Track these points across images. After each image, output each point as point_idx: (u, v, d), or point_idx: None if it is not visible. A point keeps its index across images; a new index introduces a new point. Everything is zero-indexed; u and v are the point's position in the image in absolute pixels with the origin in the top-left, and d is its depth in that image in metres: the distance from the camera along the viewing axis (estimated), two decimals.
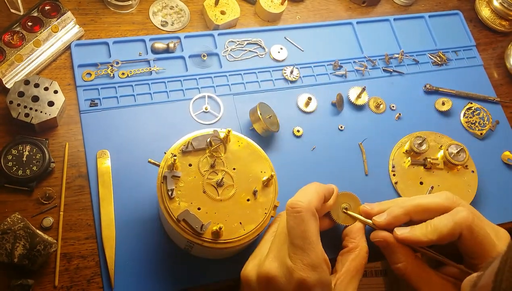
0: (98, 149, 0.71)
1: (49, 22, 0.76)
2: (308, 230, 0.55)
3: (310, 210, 0.56)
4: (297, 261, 0.54)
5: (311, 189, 0.60)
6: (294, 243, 0.55)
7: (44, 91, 0.70)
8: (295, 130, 0.79)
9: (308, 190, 0.60)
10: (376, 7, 0.96)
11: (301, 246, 0.54)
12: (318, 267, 0.54)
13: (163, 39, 0.82)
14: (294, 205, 0.57)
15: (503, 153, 0.84)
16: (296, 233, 0.55)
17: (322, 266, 0.55)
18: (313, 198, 0.58)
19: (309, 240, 0.55)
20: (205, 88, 0.80)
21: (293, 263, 0.54)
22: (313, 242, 0.55)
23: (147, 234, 0.68)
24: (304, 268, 0.54)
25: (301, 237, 0.55)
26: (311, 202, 0.58)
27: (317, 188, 0.61)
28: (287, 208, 0.57)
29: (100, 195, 0.69)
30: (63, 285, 0.63)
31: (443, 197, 0.64)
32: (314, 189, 0.61)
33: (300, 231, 0.55)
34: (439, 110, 0.86)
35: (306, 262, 0.54)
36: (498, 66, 0.95)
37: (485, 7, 0.99)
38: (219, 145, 0.65)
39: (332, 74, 0.86)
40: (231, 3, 0.86)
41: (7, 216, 0.63)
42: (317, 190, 0.61)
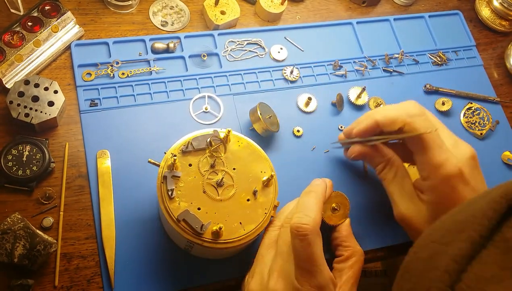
0: (98, 149, 0.71)
1: (49, 22, 0.76)
2: (314, 253, 0.55)
3: (316, 231, 0.56)
4: (304, 283, 0.54)
5: (311, 204, 0.59)
6: (301, 266, 0.55)
7: (44, 91, 0.70)
8: (295, 130, 0.79)
9: (309, 206, 0.59)
10: (376, 7, 0.96)
11: (308, 269, 0.54)
12: (324, 288, 0.54)
13: (163, 39, 0.82)
14: (299, 228, 0.55)
15: (503, 153, 0.85)
16: (302, 256, 0.55)
17: (328, 286, 0.55)
18: (316, 216, 0.57)
19: (315, 262, 0.55)
20: (205, 88, 0.80)
21: (301, 285, 0.54)
22: (320, 264, 0.55)
23: (147, 234, 0.68)
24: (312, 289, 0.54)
25: (308, 260, 0.55)
26: (316, 221, 0.56)
27: (316, 201, 0.60)
28: (292, 231, 0.56)
29: (100, 195, 0.69)
30: (63, 285, 0.64)
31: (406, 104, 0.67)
32: (315, 203, 0.59)
33: (307, 255, 0.55)
34: (439, 110, 0.86)
35: (314, 284, 0.54)
36: (498, 66, 0.95)
37: (485, 7, 0.99)
38: (219, 145, 0.65)
39: (332, 74, 0.86)
40: (231, 3, 0.86)
41: (7, 216, 0.63)
42: (317, 204, 0.59)
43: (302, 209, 0.59)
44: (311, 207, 0.59)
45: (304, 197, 0.62)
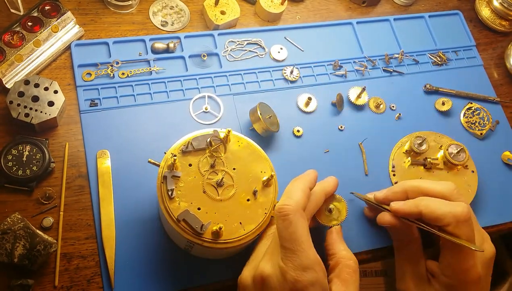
0: (98, 149, 0.71)
1: (49, 22, 0.76)
2: (296, 232, 0.55)
3: (298, 212, 0.57)
4: (288, 263, 0.54)
5: (295, 188, 0.60)
6: (284, 246, 0.55)
7: (44, 91, 0.70)
8: (295, 130, 0.79)
9: (293, 189, 0.60)
10: (376, 7, 0.96)
11: (291, 248, 0.55)
12: (309, 268, 0.54)
13: (163, 39, 0.82)
14: (281, 209, 0.57)
15: (503, 153, 0.85)
16: (285, 236, 0.56)
17: (313, 267, 0.55)
18: (299, 198, 0.58)
19: (298, 241, 0.55)
20: (205, 88, 0.80)
21: (285, 265, 0.55)
22: (303, 243, 0.55)
23: (147, 234, 0.68)
24: (295, 270, 0.54)
25: (290, 239, 0.55)
26: (298, 202, 0.58)
27: (302, 187, 0.61)
28: (275, 213, 0.58)
29: (100, 195, 0.69)
30: (63, 285, 0.64)
31: (445, 186, 0.66)
32: (299, 187, 0.60)
33: (289, 234, 0.55)
34: (439, 110, 0.86)
35: (297, 263, 0.54)
36: (498, 66, 0.95)
37: (485, 7, 0.99)
38: (219, 145, 0.65)
39: (332, 74, 0.86)
40: (231, 3, 0.86)
41: (7, 216, 0.63)
42: (301, 188, 0.60)
43: (286, 193, 0.60)
44: (294, 191, 0.60)
45: (290, 183, 0.63)
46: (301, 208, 0.58)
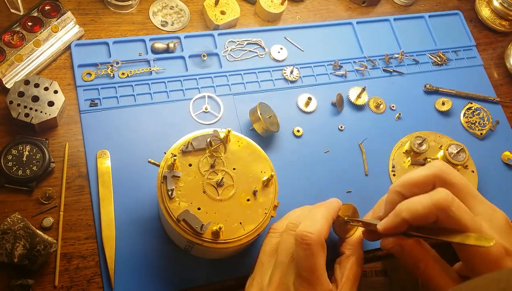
0: (98, 149, 0.72)
1: (49, 22, 0.76)
2: (316, 264, 0.54)
3: (320, 243, 0.55)
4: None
5: (321, 217, 0.58)
6: (302, 275, 0.54)
7: (44, 91, 0.70)
8: (295, 130, 0.79)
9: (317, 217, 0.58)
10: (376, 7, 0.96)
11: (309, 279, 0.54)
12: None
13: (163, 39, 0.82)
14: (304, 237, 0.55)
15: (503, 153, 0.85)
16: (304, 265, 0.54)
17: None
18: (323, 228, 0.56)
19: (317, 273, 0.54)
20: (205, 88, 0.80)
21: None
22: (321, 276, 0.54)
23: (147, 234, 0.68)
24: None
25: (310, 270, 0.54)
26: (321, 232, 0.56)
27: (326, 215, 0.59)
28: (297, 238, 0.55)
29: (100, 195, 0.69)
30: (63, 285, 0.64)
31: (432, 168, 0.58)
32: (324, 217, 0.58)
33: (309, 264, 0.54)
34: (439, 110, 0.86)
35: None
36: (498, 66, 0.95)
37: (485, 7, 0.99)
38: (219, 145, 0.65)
39: (332, 74, 0.86)
40: (231, 3, 0.86)
41: (7, 216, 0.63)
42: (326, 218, 0.58)
43: (310, 218, 0.58)
44: (318, 218, 0.58)
45: (314, 208, 0.61)
46: (323, 238, 0.56)
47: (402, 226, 0.56)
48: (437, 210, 0.54)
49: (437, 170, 0.57)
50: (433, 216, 0.54)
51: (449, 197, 0.54)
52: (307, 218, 0.58)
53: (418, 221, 0.55)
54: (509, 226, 0.58)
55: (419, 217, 0.54)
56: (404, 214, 0.55)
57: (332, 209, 0.61)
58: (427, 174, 0.58)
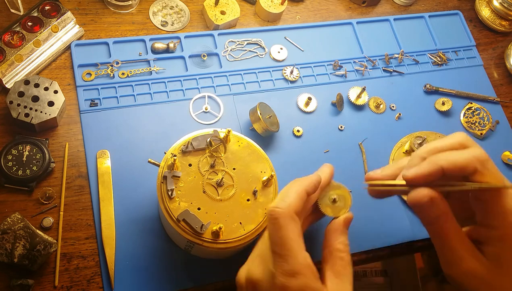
0: (98, 149, 0.72)
1: (49, 22, 0.76)
2: (285, 236, 0.54)
3: (288, 215, 0.55)
4: (277, 268, 0.54)
5: (291, 190, 0.58)
6: (274, 250, 0.55)
7: (44, 91, 0.71)
8: (295, 130, 0.79)
9: (288, 191, 0.58)
10: (376, 7, 0.96)
11: (280, 253, 0.54)
12: (298, 274, 0.53)
13: (163, 39, 0.82)
14: (271, 212, 0.55)
15: (503, 153, 0.85)
16: (274, 240, 0.55)
17: (303, 272, 0.53)
18: (292, 201, 0.57)
19: (287, 246, 0.54)
20: (205, 88, 0.80)
21: (274, 269, 0.54)
22: (292, 247, 0.54)
23: (147, 234, 0.68)
24: (284, 275, 0.53)
25: (280, 244, 0.54)
26: (290, 205, 0.56)
27: (297, 188, 0.59)
28: (267, 216, 0.56)
29: (100, 195, 0.69)
30: (63, 285, 0.64)
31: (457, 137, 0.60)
32: (295, 190, 0.58)
33: (278, 238, 0.54)
34: (439, 110, 0.87)
35: (286, 268, 0.53)
36: (498, 66, 0.95)
37: (485, 7, 0.99)
38: (219, 145, 0.65)
39: (332, 74, 0.86)
40: (231, 3, 0.86)
41: (7, 216, 0.63)
42: (297, 190, 0.58)
43: (281, 194, 0.59)
44: (289, 193, 0.58)
45: (288, 184, 0.61)
46: (293, 211, 0.56)
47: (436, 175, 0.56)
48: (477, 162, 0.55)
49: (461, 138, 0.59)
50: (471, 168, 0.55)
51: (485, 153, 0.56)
52: (279, 195, 0.59)
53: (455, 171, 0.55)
54: None
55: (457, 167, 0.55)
56: (443, 163, 0.55)
57: (307, 183, 0.60)
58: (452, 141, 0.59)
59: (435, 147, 0.59)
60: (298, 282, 0.53)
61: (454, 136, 0.60)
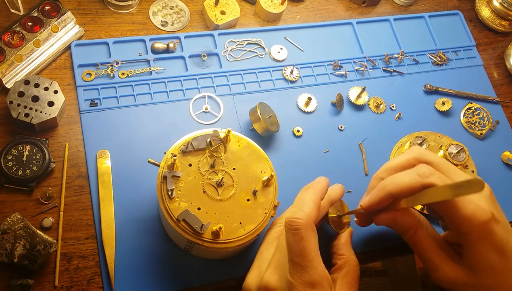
0: (98, 149, 0.72)
1: (49, 22, 0.76)
2: (307, 248, 0.54)
3: (309, 226, 0.55)
4: (297, 278, 0.54)
5: (308, 200, 0.59)
6: (294, 261, 0.55)
7: (44, 91, 0.71)
8: (295, 130, 0.79)
9: (305, 201, 0.59)
10: (376, 7, 0.96)
11: (300, 264, 0.54)
12: (317, 285, 0.54)
13: (163, 39, 0.82)
14: (292, 223, 0.55)
15: (503, 153, 0.85)
16: (295, 250, 0.55)
17: (322, 284, 0.54)
18: (311, 211, 0.57)
19: (308, 257, 0.54)
20: (205, 88, 0.80)
21: (293, 279, 0.54)
22: (313, 259, 0.54)
23: (147, 234, 0.68)
24: (304, 286, 0.53)
25: (301, 255, 0.54)
26: (309, 216, 0.56)
27: (314, 198, 0.59)
28: (285, 224, 0.56)
29: (100, 195, 0.69)
30: (63, 285, 0.64)
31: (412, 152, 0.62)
32: (311, 199, 0.59)
33: (299, 249, 0.54)
34: (439, 110, 0.87)
35: (306, 279, 0.54)
36: (498, 66, 0.95)
37: (485, 7, 0.99)
38: (219, 145, 0.65)
39: (332, 74, 0.86)
40: (231, 3, 0.86)
41: (7, 216, 0.63)
42: (313, 199, 0.59)
43: (298, 204, 0.59)
44: (307, 202, 0.58)
45: (302, 192, 0.61)
46: (313, 222, 0.56)
47: (387, 200, 0.60)
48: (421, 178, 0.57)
49: (416, 153, 0.62)
50: (418, 186, 0.57)
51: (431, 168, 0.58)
52: (295, 203, 0.59)
53: (402, 192, 0.58)
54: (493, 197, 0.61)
55: (404, 188, 0.58)
56: (390, 188, 0.59)
57: (319, 190, 0.61)
58: (407, 157, 0.62)
59: (390, 167, 0.63)
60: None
61: (409, 152, 0.63)
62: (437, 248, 0.61)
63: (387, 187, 0.59)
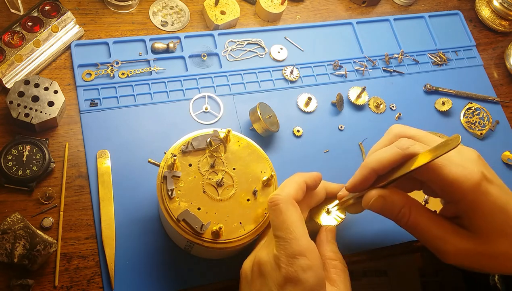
0: (98, 149, 0.72)
1: (49, 22, 0.76)
2: (286, 220, 0.55)
3: (288, 201, 0.57)
4: (281, 250, 0.55)
5: (290, 181, 0.60)
6: (276, 235, 0.56)
7: (44, 91, 0.71)
8: (295, 130, 0.79)
9: (287, 182, 0.61)
10: (376, 7, 0.96)
11: (282, 237, 0.55)
12: (301, 255, 0.54)
13: (163, 39, 0.82)
14: (271, 199, 0.57)
15: (503, 153, 0.85)
16: (276, 224, 0.56)
17: (305, 254, 0.54)
18: (291, 189, 0.59)
19: (289, 229, 0.55)
20: (205, 88, 0.80)
21: (278, 252, 0.55)
22: (294, 230, 0.55)
23: (147, 234, 0.68)
24: (287, 257, 0.54)
25: (281, 228, 0.55)
26: (289, 193, 0.58)
27: (296, 178, 0.61)
28: (268, 204, 0.58)
29: (100, 195, 0.69)
30: (63, 285, 0.64)
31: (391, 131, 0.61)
32: (294, 180, 0.60)
33: (279, 222, 0.56)
34: (439, 110, 0.87)
35: (289, 251, 0.54)
36: (498, 66, 0.95)
37: (485, 7, 0.99)
38: (219, 145, 0.65)
39: (332, 74, 0.86)
40: (231, 3, 0.86)
41: (7, 216, 0.63)
42: (296, 181, 0.60)
43: (280, 186, 0.60)
44: (288, 183, 0.60)
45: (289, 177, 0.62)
46: (292, 198, 0.58)
47: (371, 177, 0.58)
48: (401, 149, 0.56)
49: (396, 131, 0.61)
50: (398, 158, 0.56)
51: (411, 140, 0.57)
52: (280, 185, 0.61)
53: (385, 166, 0.57)
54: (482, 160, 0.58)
55: (385, 162, 0.57)
56: (371, 164, 0.58)
57: (306, 176, 0.62)
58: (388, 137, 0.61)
59: (373, 149, 0.62)
60: (301, 263, 0.53)
61: (389, 131, 0.62)
62: (439, 223, 0.57)
63: (369, 163, 0.58)
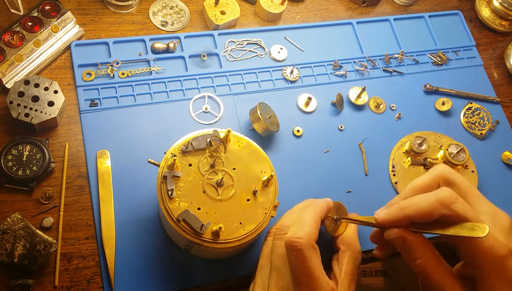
0: (98, 149, 0.72)
1: (49, 22, 0.76)
2: (311, 267, 0.54)
3: (311, 245, 0.55)
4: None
5: (308, 219, 0.58)
6: (299, 281, 0.54)
7: (44, 91, 0.71)
8: (295, 130, 0.79)
9: (303, 219, 0.58)
10: (376, 7, 0.96)
11: (307, 284, 0.54)
12: None
13: (163, 39, 0.82)
14: (293, 243, 0.55)
15: (503, 153, 0.85)
16: (300, 271, 0.54)
17: None
18: (311, 230, 0.56)
19: (314, 276, 0.54)
20: (205, 88, 0.80)
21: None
22: (318, 278, 0.54)
23: (147, 234, 0.68)
24: None
25: (306, 275, 0.54)
26: (310, 235, 0.55)
27: (314, 217, 0.58)
28: (286, 245, 0.55)
29: (100, 195, 0.69)
30: (63, 285, 0.64)
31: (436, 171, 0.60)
32: (311, 218, 0.58)
33: (304, 269, 0.54)
34: (439, 110, 0.87)
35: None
36: (498, 66, 0.95)
37: (485, 7, 0.99)
38: (219, 145, 0.65)
39: (332, 74, 0.86)
40: (231, 3, 0.86)
41: (7, 216, 0.63)
42: (314, 219, 0.58)
43: (297, 223, 0.58)
44: (306, 221, 0.57)
45: (300, 211, 0.60)
46: (314, 240, 0.56)
47: (404, 221, 0.57)
48: (442, 206, 0.54)
49: (441, 171, 0.60)
50: (437, 213, 0.55)
51: (453, 194, 0.55)
52: (295, 222, 0.58)
53: (421, 217, 0.55)
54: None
55: (423, 214, 0.55)
56: (408, 210, 0.56)
57: (319, 209, 0.60)
58: (432, 176, 0.60)
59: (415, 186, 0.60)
60: None
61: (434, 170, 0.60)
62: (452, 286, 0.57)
63: (406, 209, 0.56)
